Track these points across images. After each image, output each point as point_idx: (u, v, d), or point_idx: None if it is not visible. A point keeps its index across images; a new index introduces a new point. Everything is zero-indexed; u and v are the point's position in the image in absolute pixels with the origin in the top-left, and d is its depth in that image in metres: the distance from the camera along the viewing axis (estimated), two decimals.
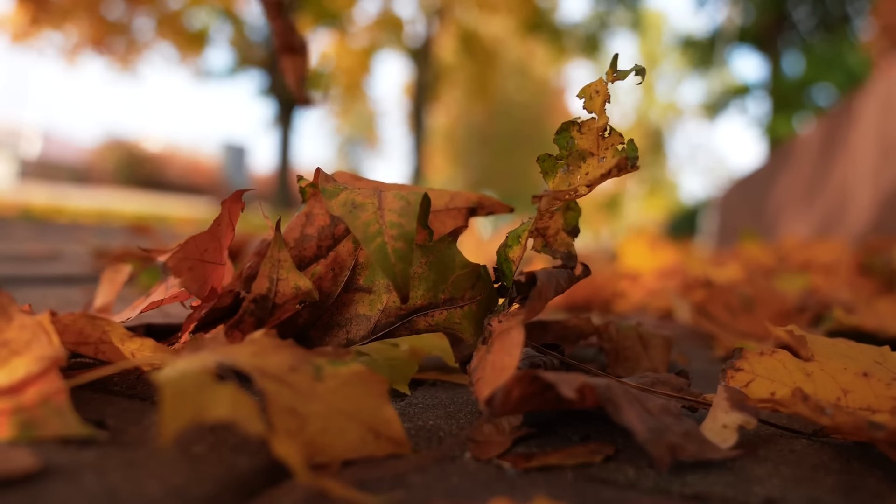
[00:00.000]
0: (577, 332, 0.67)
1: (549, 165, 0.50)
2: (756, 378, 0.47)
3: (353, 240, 0.52)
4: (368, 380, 0.38)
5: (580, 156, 0.49)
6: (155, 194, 19.52)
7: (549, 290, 0.48)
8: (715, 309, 0.97)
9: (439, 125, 22.76)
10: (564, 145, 0.49)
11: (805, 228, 4.42)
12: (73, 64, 11.15)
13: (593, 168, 0.48)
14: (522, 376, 0.38)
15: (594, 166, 0.48)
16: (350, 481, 0.34)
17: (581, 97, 0.49)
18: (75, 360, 0.56)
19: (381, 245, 0.42)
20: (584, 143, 0.48)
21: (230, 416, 0.30)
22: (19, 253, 1.86)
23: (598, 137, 0.48)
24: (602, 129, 0.48)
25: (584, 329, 0.66)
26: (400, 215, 0.43)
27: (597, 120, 0.48)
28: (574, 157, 0.49)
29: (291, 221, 0.54)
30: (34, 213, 5.28)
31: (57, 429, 0.35)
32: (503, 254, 0.51)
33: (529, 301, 0.45)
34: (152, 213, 8.66)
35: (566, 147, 0.49)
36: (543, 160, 0.50)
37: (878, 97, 3.52)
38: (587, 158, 0.49)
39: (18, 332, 0.39)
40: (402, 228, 0.43)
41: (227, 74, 13.22)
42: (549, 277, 0.48)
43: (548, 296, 0.48)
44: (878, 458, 0.42)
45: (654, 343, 0.65)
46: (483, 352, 0.45)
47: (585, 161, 0.49)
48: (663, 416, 0.40)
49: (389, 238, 0.42)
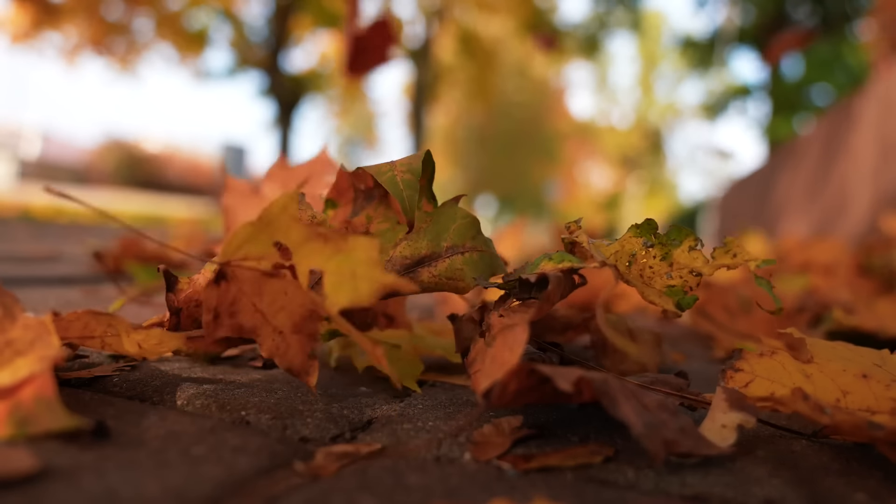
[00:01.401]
0: (565, 322, 0.66)
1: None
2: (755, 379, 0.47)
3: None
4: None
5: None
6: (154, 195, 19.52)
7: (557, 294, 0.48)
8: (714, 310, 0.97)
9: (439, 126, 22.75)
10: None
11: (805, 229, 4.42)
12: (72, 64, 11.14)
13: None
14: (520, 369, 0.38)
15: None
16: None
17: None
18: (78, 361, 0.56)
19: (391, 177, 0.50)
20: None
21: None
22: (19, 254, 1.86)
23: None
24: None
25: (571, 320, 0.66)
26: (409, 161, 0.53)
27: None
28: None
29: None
30: (34, 213, 5.28)
31: (48, 423, 0.35)
32: (538, 261, 0.51)
33: (539, 302, 0.45)
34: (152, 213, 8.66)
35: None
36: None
37: (877, 98, 3.52)
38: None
39: (22, 331, 0.39)
40: (410, 166, 0.52)
41: (226, 75, 13.21)
42: (559, 282, 0.48)
43: (555, 299, 0.48)
44: (878, 459, 0.42)
45: (644, 338, 0.65)
46: (482, 345, 0.45)
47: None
48: (659, 411, 0.40)
49: (399, 172, 0.51)
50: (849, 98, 4.14)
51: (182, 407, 0.47)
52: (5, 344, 0.38)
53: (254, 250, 0.44)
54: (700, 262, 0.48)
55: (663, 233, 0.50)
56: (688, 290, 0.49)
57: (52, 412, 0.36)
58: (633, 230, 0.50)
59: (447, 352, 0.62)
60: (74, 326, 0.46)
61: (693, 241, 0.49)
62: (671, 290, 0.49)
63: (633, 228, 0.50)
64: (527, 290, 0.50)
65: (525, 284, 0.49)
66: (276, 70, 11.91)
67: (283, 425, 0.43)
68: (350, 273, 0.40)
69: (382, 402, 0.51)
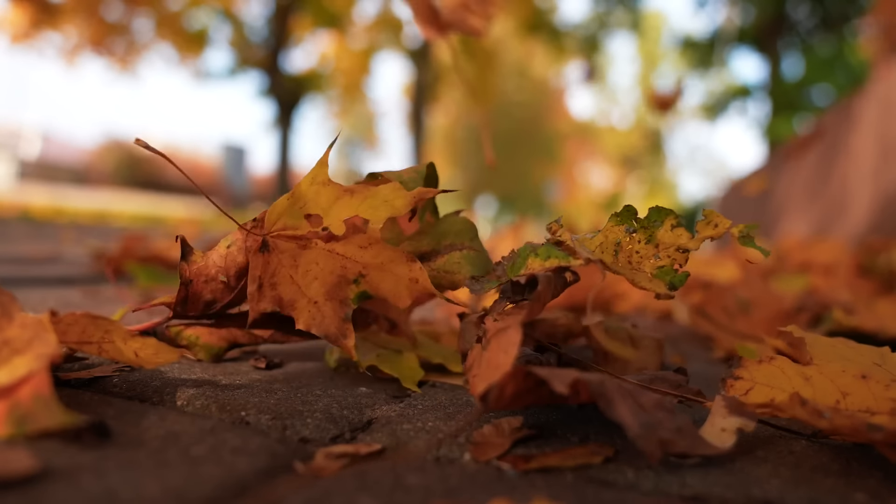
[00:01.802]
0: (566, 330, 0.66)
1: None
2: (755, 386, 0.46)
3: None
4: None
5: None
6: (154, 195, 19.51)
7: (548, 294, 0.48)
8: (713, 310, 0.97)
9: (438, 126, 22.74)
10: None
11: (805, 229, 4.42)
12: (72, 65, 11.14)
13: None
14: (516, 372, 0.38)
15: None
16: None
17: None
18: (77, 362, 0.56)
19: (399, 173, 0.54)
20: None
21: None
22: (18, 254, 1.86)
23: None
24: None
25: (572, 328, 0.66)
26: (415, 169, 0.56)
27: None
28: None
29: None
30: (33, 214, 5.28)
31: (45, 421, 0.35)
32: (523, 254, 0.51)
33: (530, 303, 0.45)
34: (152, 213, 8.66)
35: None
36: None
37: (878, 98, 3.52)
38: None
39: (20, 330, 0.39)
40: (416, 170, 0.56)
41: (226, 75, 13.21)
42: (549, 281, 0.48)
43: (546, 299, 0.48)
44: (878, 460, 0.42)
45: (645, 344, 0.65)
46: (478, 350, 0.45)
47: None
48: (656, 411, 0.40)
49: (406, 173, 0.55)
50: (849, 98, 4.14)
51: (182, 407, 0.47)
52: (3, 343, 0.38)
53: (290, 221, 0.51)
54: (685, 238, 0.49)
55: (644, 216, 0.50)
56: (677, 268, 0.49)
57: (49, 410, 0.36)
58: (613, 219, 0.51)
59: (447, 360, 0.62)
60: (72, 330, 0.46)
61: (674, 220, 0.49)
62: (661, 271, 0.49)
63: (613, 217, 0.51)
64: (519, 291, 0.50)
65: (517, 286, 0.49)
66: (276, 70, 11.91)
67: (282, 426, 0.43)
68: (383, 201, 0.50)
69: (382, 402, 0.51)
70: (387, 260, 0.51)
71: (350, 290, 0.52)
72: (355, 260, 0.52)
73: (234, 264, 0.54)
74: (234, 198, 14.68)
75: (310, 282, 0.52)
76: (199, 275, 0.54)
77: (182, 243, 0.53)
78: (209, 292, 0.55)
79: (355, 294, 0.52)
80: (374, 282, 0.52)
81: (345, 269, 0.52)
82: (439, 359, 0.63)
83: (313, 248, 0.51)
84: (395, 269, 0.52)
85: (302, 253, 0.52)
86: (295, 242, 0.51)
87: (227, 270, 0.54)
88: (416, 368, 0.58)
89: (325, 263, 0.52)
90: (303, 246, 0.52)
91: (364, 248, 0.51)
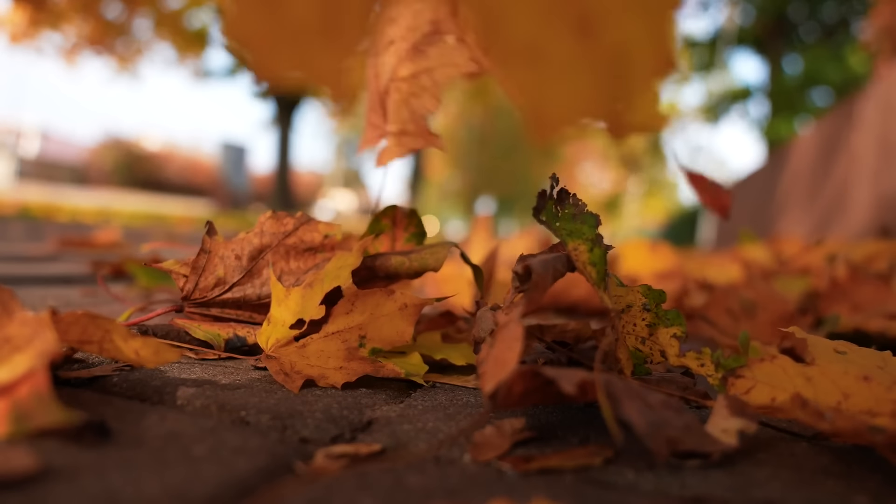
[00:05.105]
0: (575, 335, 0.66)
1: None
2: (757, 384, 0.47)
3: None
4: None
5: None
6: (154, 194, 19.51)
7: (547, 279, 0.47)
8: (716, 313, 0.97)
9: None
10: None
11: (805, 229, 4.42)
12: (71, 64, 11.13)
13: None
14: (525, 372, 0.38)
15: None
16: None
17: None
18: (78, 361, 0.56)
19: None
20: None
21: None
22: (18, 253, 1.86)
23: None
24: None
25: (582, 332, 0.66)
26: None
27: None
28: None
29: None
30: (33, 212, 5.28)
31: (43, 418, 0.35)
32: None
33: (527, 293, 0.44)
34: (151, 212, 8.66)
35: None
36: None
37: (877, 99, 3.52)
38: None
39: (20, 328, 0.39)
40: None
41: (226, 74, 13.20)
42: (545, 266, 0.47)
43: (545, 284, 0.47)
44: (879, 462, 0.42)
45: None
46: (488, 345, 0.45)
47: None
48: (663, 410, 0.40)
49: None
50: (849, 99, 4.14)
51: (182, 407, 0.47)
52: (3, 340, 0.38)
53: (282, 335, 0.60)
54: (673, 351, 0.53)
55: (664, 309, 0.54)
56: (647, 363, 0.53)
57: (48, 408, 0.36)
58: (643, 288, 0.54)
59: (452, 358, 0.63)
60: (73, 330, 0.46)
61: (679, 332, 0.53)
62: (636, 353, 0.54)
63: (644, 287, 0.54)
64: (524, 280, 0.49)
65: (518, 277, 0.49)
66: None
67: (282, 426, 0.43)
68: (333, 277, 0.59)
69: (382, 402, 0.51)
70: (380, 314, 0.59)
71: (361, 352, 0.58)
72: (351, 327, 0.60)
73: (248, 245, 0.65)
74: (235, 197, 14.67)
75: (325, 360, 0.57)
76: (217, 247, 0.64)
77: (209, 226, 0.65)
78: (223, 268, 0.64)
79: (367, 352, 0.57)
80: (374, 335, 0.58)
81: (347, 342, 0.58)
82: (440, 356, 0.63)
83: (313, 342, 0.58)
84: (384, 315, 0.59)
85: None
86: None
87: (241, 251, 0.65)
88: (420, 364, 0.59)
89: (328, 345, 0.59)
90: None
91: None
